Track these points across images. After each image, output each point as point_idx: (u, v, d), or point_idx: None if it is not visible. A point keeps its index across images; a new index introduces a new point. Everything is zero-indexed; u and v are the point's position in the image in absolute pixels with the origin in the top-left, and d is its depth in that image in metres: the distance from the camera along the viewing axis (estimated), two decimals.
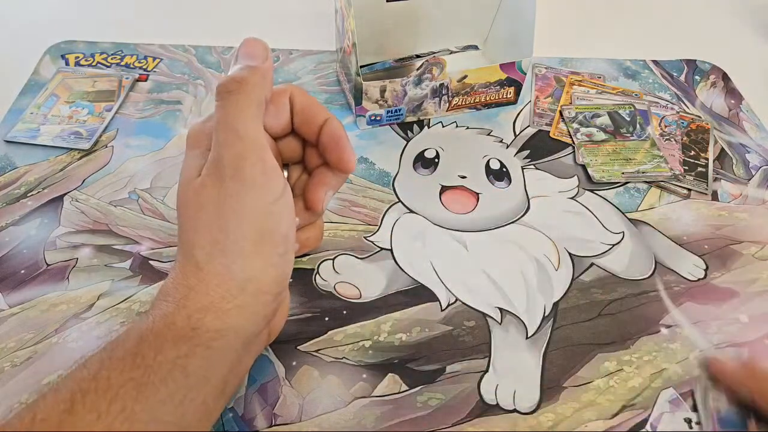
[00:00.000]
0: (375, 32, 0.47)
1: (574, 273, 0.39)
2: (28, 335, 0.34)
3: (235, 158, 0.25)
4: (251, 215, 0.25)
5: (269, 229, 0.26)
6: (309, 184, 0.31)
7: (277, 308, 0.29)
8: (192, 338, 0.24)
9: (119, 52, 0.53)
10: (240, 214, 0.25)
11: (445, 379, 0.34)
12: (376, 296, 0.37)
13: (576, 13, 0.63)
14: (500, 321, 0.36)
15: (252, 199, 0.25)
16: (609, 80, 0.53)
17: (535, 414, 0.32)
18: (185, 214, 0.26)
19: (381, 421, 0.32)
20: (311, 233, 0.33)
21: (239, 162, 0.25)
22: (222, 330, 0.25)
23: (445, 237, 0.40)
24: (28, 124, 0.46)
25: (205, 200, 0.25)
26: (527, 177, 0.45)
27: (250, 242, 0.25)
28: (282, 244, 0.27)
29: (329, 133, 0.30)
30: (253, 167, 0.25)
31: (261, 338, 0.29)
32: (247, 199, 0.25)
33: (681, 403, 0.33)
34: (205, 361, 0.24)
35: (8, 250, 0.38)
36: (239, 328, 0.26)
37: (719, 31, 0.61)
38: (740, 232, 0.42)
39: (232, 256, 0.25)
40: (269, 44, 0.29)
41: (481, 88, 0.48)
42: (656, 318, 0.37)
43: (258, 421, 0.31)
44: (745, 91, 0.53)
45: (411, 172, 0.45)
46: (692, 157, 0.47)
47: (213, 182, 0.25)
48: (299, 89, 0.30)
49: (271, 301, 0.27)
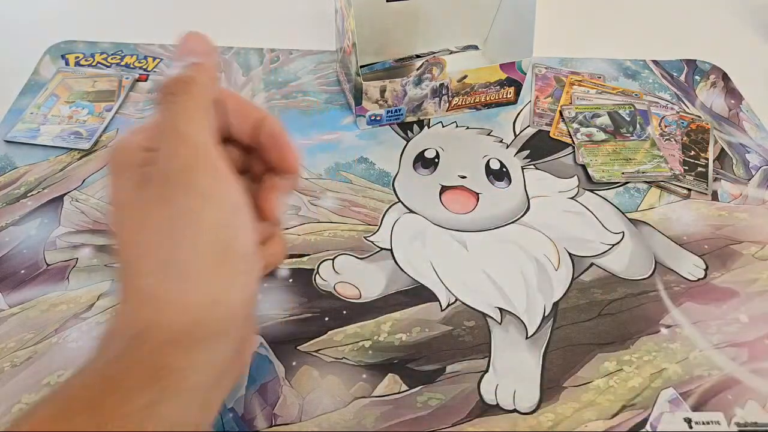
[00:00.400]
0: (375, 32, 0.47)
1: (574, 273, 0.39)
2: (28, 335, 0.34)
3: (185, 168, 0.22)
4: (207, 230, 0.22)
5: (229, 245, 0.23)
6: (258, 192, 0.28)
7: (245, 336, 0.26)
8: (160, 380, 0.21)
9: (119, 52, 0.53)
10: (195, 231, 0.22)
11: (445, 379, 0.34)
12: (376, 296, 0.37)
13: (576, 13, 0.63)
14: (500, 321, 0.36)
15: (207, 212, 0.22)
16: (609, 80, 0.53)
17: (535, 414, 0.32)
18: (127, 240, 0.23)
19: (381, 421, 0.32)
20: (274, 248, 0.29)
21: (189, 172, 0.22)
22: (191, 368, 0.22)
23: (445, 237, 0.40)
24: (28, 124, 0.46)
25: (152, 221, 0.22)
26: (527, 177, 0.45)
27: (209, 261, 0.22)
28: (244, 260, 0.24)
29: (268, 132, 0.27)
30: (205, 177, 0.22)
31: (233, 371, 0.26)
32: (202, 213, 0.22)
33: (681, 403, 0.33)
34: (178, 406, 0.21)
35: (8, 250, 0.38)
36: (209, 362, 0.23)
37: (719, 31, 0.61)
38: (740, 232, 0.42)
39: (190, 279, 0.22)
40: (269, 44, 0.28)
41: (481, 88, 0.48)
42: (656, 318, 0.37)
43: (258, 421, 0.31)
44: (745, 91, 0.53)
45: (411, 172, 0.45)
46: (692, 157, 0.47)
47: (159, 199, 0.22)
48: (229, 90, 0.27)
49: (241, 327, 0.24)
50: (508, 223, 0.42)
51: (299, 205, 0.42)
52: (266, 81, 0.51)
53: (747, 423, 0.32)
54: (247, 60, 0.53)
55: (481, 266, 0.39)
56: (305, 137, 0.47)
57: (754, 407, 0.33)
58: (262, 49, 0.54)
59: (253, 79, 0.51)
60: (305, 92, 0.50)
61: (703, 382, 0.34)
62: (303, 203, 0.42)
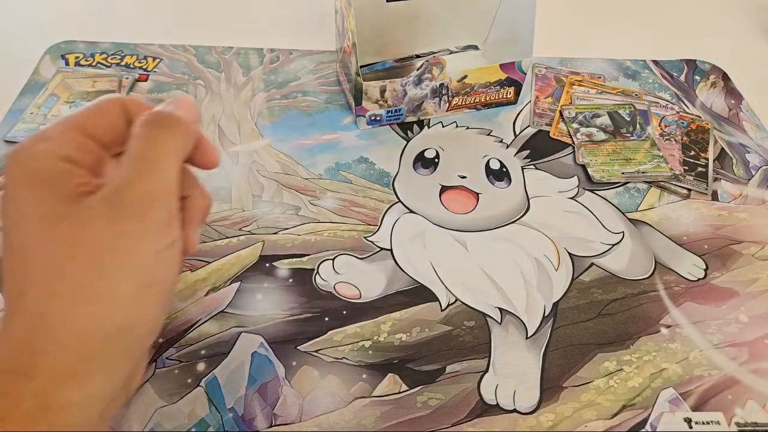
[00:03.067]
0: (375, 32, 0.47)
1: (574, 273, 0.39)
2: None
3: (145, 196, 0.22)
4: (140, 263, 0.22)
5: (158, 278, 0.23)
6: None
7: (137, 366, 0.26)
8: (45, 418, 0.20)
9: (119, 52, 0.53)
10: (131, 258, 0.22)
11: (445, 379, 0.34)
12: (376, 296, 0.37)
13: (576, 13, 0.63)
14: (500, 321, 0.36)
15: (148, 243, 0.22)
16: (609, 80, 0.53)
17: (535, 414, 0.32)
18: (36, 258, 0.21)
19: (381, 421, 0.32)
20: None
21: (149, 202, 0.22)
22: (80, 402, 0.21)
23: (445, 237, 0.40)
24: (28, 124, 0.46)
25: (86, 237, 0.21)
26: (527, 177, 0.45)
27: (133, 289, 0.22)
28: (166, 293, 0.24)
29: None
30: (159, 211, 0.23)
31: (117, 403, 0.26)
32: (144, 242, 0.22)
33: (681, 403, 0.33)
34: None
35: None
36: (100, 393, 0.22)
37: (719, 31, 0.61)
38: (740, 232, 0.42)
39: (104, 303, 0.21)
40: (269, 44, 0.28)
41: (481, 88, 0.48)
42: (656, 318, 0.37)
43: (258, 421, 0.31)
44: (745, 91, 0.53)
45: (411, 172, 0.45)
46: (692, 157, 0.47)
47: (106, 217, 0.22)
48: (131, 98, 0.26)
49: (139, 356, 0.25)
50: (508, 223, 0.42)
51: (299, 205, 0.42)
52: (266, 81, 0.51)
53: (747, 423, 0.32)
54: (247, 60, 0.53)
55: (481, 266, 0.39)
56: (305, 137, 0.47)
57: (754, 407, 0.33)
58: (262, 49, 0.54)
59: (253, 79, 0.51)
60: (305, 92, 0.50)
61: (703, 382, 0.34)
62: (303, 203, 0.42)
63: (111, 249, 0.21)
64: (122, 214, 0.22)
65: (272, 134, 0.47)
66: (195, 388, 0.32)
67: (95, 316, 0.21)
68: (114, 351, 0.22)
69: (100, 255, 0.21)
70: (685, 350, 0.35)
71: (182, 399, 0.32)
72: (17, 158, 0.22)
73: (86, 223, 0.21)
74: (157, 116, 0.24)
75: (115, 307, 0.22)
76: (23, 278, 0.21)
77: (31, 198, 0.22)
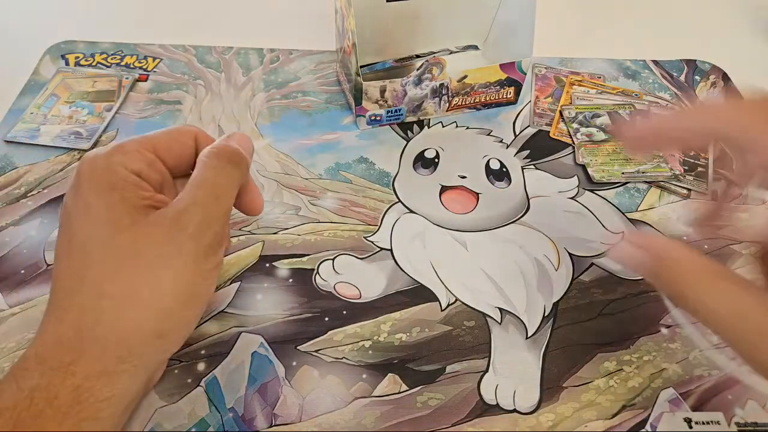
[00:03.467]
0: (375, 32, 0.47)
1: (574, 273, 0.39)
2: (29, 335, 0.34)
3: (204, 221, 0.24)
4: (192, 277, 0.24)
5: (199, 293, 0.25)
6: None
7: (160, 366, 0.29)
8: (78, 413, 0.22)
9: (119, 52, 0.53)
10: (182, 273, 0.24)
11: (445, 379, 0.34)
12: (376, 296, 0.37)
13: (576, 13, 0.63)
14: (500, 321, 0.36)
15: (199, 262, 0.24)
16: (609, 80, 0.53)
17: (535, 414, 0.32)
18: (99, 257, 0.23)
19: (381, 421, 0.32)
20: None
21: (205, 227, 0.24)
22: (111, 398, 0.23)
23: (445, 237, 0.40)
24: (28, 124, 0.46)
25: (146, 248, 0.23)
26: (527, 177, 0.45)
27: (178, 302, 0.24)
28: (202, 306, 0.26)
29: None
30: (213, 236, 0.25)
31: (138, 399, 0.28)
32: (196, 261, 0.24)
33: (681, 403, 0.33)
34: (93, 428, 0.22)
35: (8, 250, 0.38)
36: (127, 391, 0.24)
37: (719, 31, 0.61)
38: (740, 232, 0.42)
39: (150, 311, 0.23)
40: (269, 44, 0.29)
41: (481, 88, 0.48)
42: (656, 318, 0.37)
43: (258, 421, 0.31)
44: (745, 91, 0.53)
45: (411, 172, 0.45)
46: (692, 157, 0.47)
47: (167, 232, 0.24)
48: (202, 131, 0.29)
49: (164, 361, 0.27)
50: (508, 223, 0.42)
51: (299, 205, 0.42)
52: (266, 81, 0.51)
53: (747, 423, 0.32)
54: (247, 60, 0.53)
55: (481, 266, 0.39)
56: (305, 137, 0.47)
57: (754, 407, 0.33)
58: (262, 49, 0.54)
59: (253, 79, 0.51)
60: (305, 92, 0.50)
61: (703, 382, 0.34)
62: (303, 203, 0.42)
63: (166, 263, 0.23)
64: (183, 234, 0.24)
65: (272, 134, 0.47)
66: (195, 388, 0.32)
67: (139, 321, 0.23)
68: (148, 354, 0.24)
69: (155, 267, 0.23)
70: (685, 350, 0.35)
71: (182, 399, 0.32)
72: (94, 164, 0.25)
73: (149, 234, 0.23)
74: (227, 151, 0.26)
75: (159, 316, 0.23)
76: (81, 277, 0.23)
77: (102, 203, 0.24)
